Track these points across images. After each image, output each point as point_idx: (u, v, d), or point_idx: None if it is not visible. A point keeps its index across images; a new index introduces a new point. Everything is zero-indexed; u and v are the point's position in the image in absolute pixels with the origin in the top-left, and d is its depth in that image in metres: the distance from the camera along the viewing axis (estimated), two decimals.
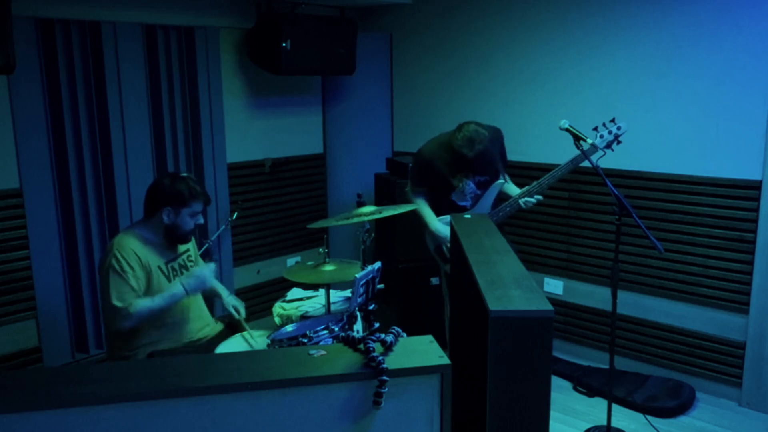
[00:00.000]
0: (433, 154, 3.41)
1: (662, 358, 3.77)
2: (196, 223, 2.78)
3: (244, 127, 4.36)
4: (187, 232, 2.77)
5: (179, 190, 2.68)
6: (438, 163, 3.38)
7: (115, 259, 2.59)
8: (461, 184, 3.38)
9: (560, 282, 4.16)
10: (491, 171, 3.41)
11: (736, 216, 3.44)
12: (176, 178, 2.74)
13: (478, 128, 3.20)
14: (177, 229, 2.74)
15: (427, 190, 3.50)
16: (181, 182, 2.71)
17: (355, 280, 2.49)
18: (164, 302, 2.64)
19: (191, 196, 2.70)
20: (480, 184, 3.44)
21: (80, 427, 1.43)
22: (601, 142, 3.14)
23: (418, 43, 4.68)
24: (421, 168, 3.48)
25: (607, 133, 3.16)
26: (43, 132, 3.41)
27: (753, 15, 3.27)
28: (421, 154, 3.48)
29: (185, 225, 2.74)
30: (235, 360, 1.66)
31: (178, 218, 2.71)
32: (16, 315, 3.41)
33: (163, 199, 2.68)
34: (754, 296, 3.41)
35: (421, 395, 1.58)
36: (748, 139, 3.34)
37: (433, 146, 3.44)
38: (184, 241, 2.83)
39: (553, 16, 3.97)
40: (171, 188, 2.69)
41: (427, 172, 3.44)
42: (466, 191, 3.41)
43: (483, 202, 3.46)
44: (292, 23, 4.03)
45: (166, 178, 2.75)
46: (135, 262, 2.62)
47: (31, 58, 3.32)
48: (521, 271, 1.97)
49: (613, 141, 3.17)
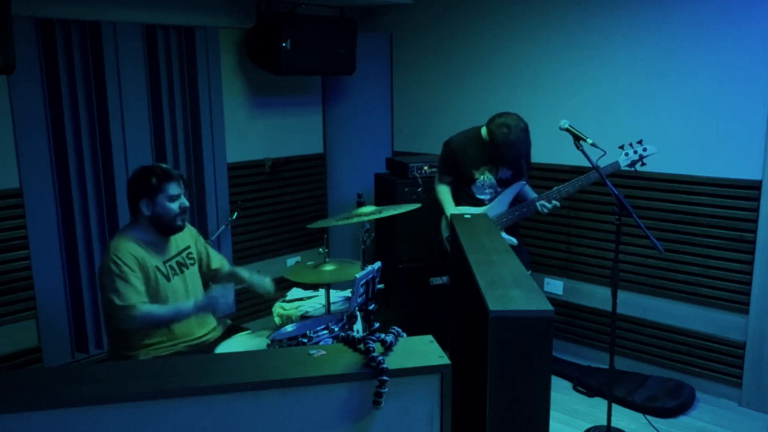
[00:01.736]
0: (461, 144, 3.53)
1: (662, 358, 3.77)
2: (181, 205, 2.70)
3: (244, 127, 4.36)
4: (172, 218, 2.69)
5: (148, 179, 2.65)
6: (465, 154, 3.50)
7: (114, 263, 2.58)
8: (483, 176, 3.49)
9: (560, 282, 4.16)
10: (516, 165, 3.49)
11: (736, 216, 3.44)
12: (143, 170, 2.70)
13: (519, 119, 3.30)
14: (161, 218, 2.68)
15: (452, 181, 3.60)
16: (149, 171, 2.67)
17: (355, 280, 2.49)
18: (170, 314, 2.63)
19: (162, 180, 2.64)
20: (501, 182, 3.53)
21: (80, 427, 1.43)
22: (624, 160, 3.21)
23: (418, 43, 4.68)
24: (448, 156, 3.58)
25: (633, 152, 3.21)
26: (43, 132, 3.41)
27: (753, 15, 3.27)
28: (450, 144, 3.59)
29: (167, 211, 2.67)
30: (235, 360, 1.66)
31: (157, 207, 2.66)
32: (16, 315, 3.41)
33: (136, 193, 2.66)
34: (754, 296, 3.41)
35: (421, 395, 1.58)
36: (748, 139, 3.34)
37: (463, 137, 3.57)
38: (175, 229, 2.75)
39: (553, 17, 3.97)
40: (140, 180, 2.66)
41: (452, 160, 3.54)
42: (486, 185, 3.50)
43: (502, 198, 3.51)
44: (292, 23, 4.03)
45: (134, 173, 2.72)
46: (134, 264, 2.61)
47: (31, 58, 3.32)
48: (521, 271, 1.97)
49: (637, 161, 3.22)
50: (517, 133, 3.25)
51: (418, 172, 4.12)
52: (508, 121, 3.26)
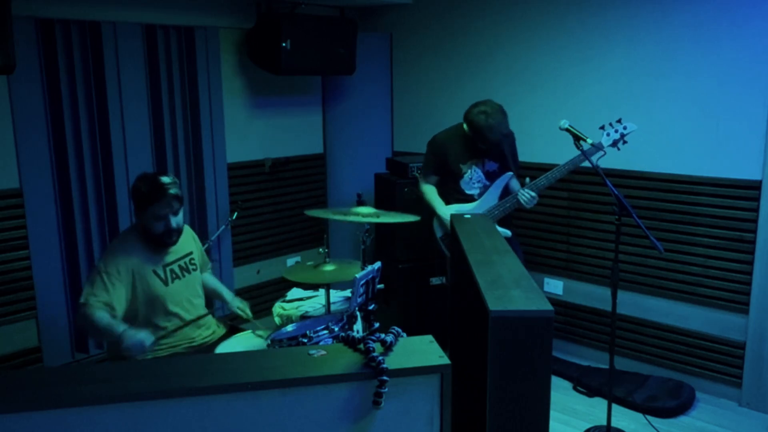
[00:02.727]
0: (446, 139, 3.59)
1: (662, 358, 3.77)
2: (167, 225, 2.62)
3: (244, 127, 4.36)
4: (156, 235, 2.63)
5: (141, 191, 2.59)
6: (450, 149, 3.55)
7: (102, 261, 2.59)
8: (470, 171, 3.53)
9: (560, 282, 4.16)
10: (499, 151, 3.53)
11: (736, 216, 3.43)
12: (142, 178, 2.64)
13: (494, 103, 3.39)
14: (147, 231, 2.65)
15: (437, 180, 3.64)
16: (142, 181, 2.62)
17: (355, 280, 2.49)
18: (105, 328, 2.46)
19: (152, 198, 2.57)
20: (489, 175, 3.55)
21: (80, 427, 1.43)
22: (607, 140, 3.24)
23: (418, 43, 4.68)
24: (433, 153, 3.63)
25: (614, 132, 3.24)
26: (43, 132, 3.41)
27: (753, 15, 3.27)
28: (434, 140, 3.65)
29: (152, 228, 2.62)
30: (235, 360, 1.66)
31: (145, 220, 2.62)
32: (16, 315, 3.41)
33: (133, 200, 2.64)
34: (754, 296, 3.40)
35: (421, 395, 1.58)
36: (748, 139, 3.34)
37: (447, 133, 3.63)
38: (162, 244, 2.69)
39: (553, 16, 3.97)
40: (134, 186, 2.63)
41: (439, 157, 3.59)
42: (474, 179, 3.53)
43: (491, 192, 3.53)
44: (292, 23, 4.03)
45: (137, 179, 2.67)
46: (115, 272, 2.56)
47: (31, 58, 3.32)
48: (521, 271, 1.97)
49: (619, 140, 3.25)
50: (496, 115, 3.33)
51: (418, 172, 4.12)
52: (485, 108, 3.36)
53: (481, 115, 3.33)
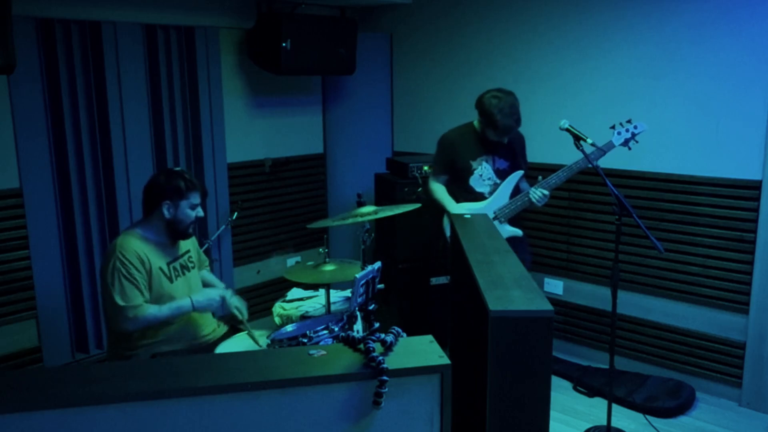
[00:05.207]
0: (456, 137, 3.59)
1: (662, 358, 3.77)
2: (197, 215, 2.78)
3: (244, 127, 4.36)
4: (188, 225, 2.77)
5: (176, 184, 2.70)
6: (460, 145, 3.55)
7: (119, 261, 2.59)
8: (480, 167, 3.52)
9: (560, 282, 4.16)
10: (516, 136, 3.55)
11: (736, 216, 3.44)
12: (171, 172, 2.76)
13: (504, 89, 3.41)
14: (179, 223, 2.74)
15: (447, 180, 3.62)
16: (177, 176, 2.73)
17: (355, 280, 2.49)
18: (170, 312, 2.66)
19: (188, 188, 2.72)
20: (499, 173, 3.54)
21: (80, 427, 1.43)
22: (618, 139, 3.26)
23: (418, 43, 4.68)
24: (443, 150, 3.62)
25: (624, 131, 3.26)
26: (43, 132, 3.41)
27: (753, 15, 3.27)
28: (444, 137, 3.64)
29: (186, 218, 2.74)
30: (235, 360, 1.66)
31: (178, 211, 2.71)
32: (16, 315, 3.41)
33: (161, 194, 2.69)
34: (754, 296, 3.41)
35: (421, 395, 1.58)
36: (748, 139, 3.34)
37: (457, 131, 3.62)
38: (185, 235, 2.82)
39: (553, 16, 3.97)
40: (168, 182, 2.70)
41: (448, 155, 3.58)
42: (484, 176, 3.52)
43: (502, 190, 3.51)
44: (292, 23, 4.03)
45: (161, 174, 2.77)
46: (139, 264, 2.62)
47: (31, 58, 3.32)
48: (521, 271, 1.97)
49: (630, 139, 3.27)
50: (509, 99, 3.34)
51: (418, 172, 4.12)
52: (496, 93, 3.37)
53: (493, 99, 3.34)
